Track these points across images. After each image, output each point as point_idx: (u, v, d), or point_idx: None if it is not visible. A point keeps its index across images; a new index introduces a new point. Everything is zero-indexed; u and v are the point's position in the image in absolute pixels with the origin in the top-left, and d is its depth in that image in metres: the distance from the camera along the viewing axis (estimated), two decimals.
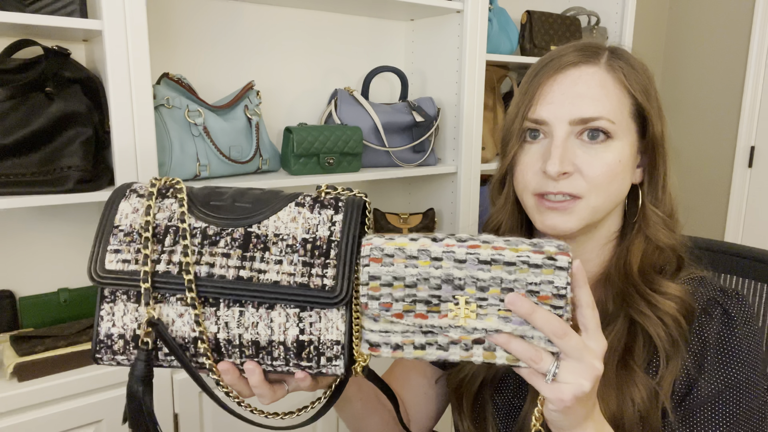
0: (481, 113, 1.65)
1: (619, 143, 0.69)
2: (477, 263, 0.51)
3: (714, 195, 2.65)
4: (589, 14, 2.02)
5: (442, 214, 1.72)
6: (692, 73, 2.69)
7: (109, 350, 0.58)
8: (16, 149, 1.02)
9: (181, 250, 0.57)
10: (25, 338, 1.09)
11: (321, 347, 0.57)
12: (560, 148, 0.68)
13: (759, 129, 2.51)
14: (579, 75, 0.70)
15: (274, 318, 0.57)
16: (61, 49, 1.08)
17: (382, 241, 0.53)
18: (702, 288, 0.72)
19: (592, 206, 0.69)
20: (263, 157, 1.35)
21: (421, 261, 0.52)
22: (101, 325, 0.58)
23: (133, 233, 0.59)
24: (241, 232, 0.58)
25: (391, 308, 0.53)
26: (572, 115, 0.68)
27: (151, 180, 0.62)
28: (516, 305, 0.51)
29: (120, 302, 0.58)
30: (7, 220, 1.21)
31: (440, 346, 0.54)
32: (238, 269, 0.57)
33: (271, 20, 1.50)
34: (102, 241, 0.59)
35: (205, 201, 0.61)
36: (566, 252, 0.51)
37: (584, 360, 0.52)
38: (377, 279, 0.53)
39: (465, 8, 1.56)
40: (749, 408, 0.67)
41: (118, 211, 0.60)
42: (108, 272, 0.58)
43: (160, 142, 1.18)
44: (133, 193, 0.61)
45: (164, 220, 0.59)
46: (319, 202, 0.59)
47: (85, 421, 1.09)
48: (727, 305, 0.70)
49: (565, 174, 0.68)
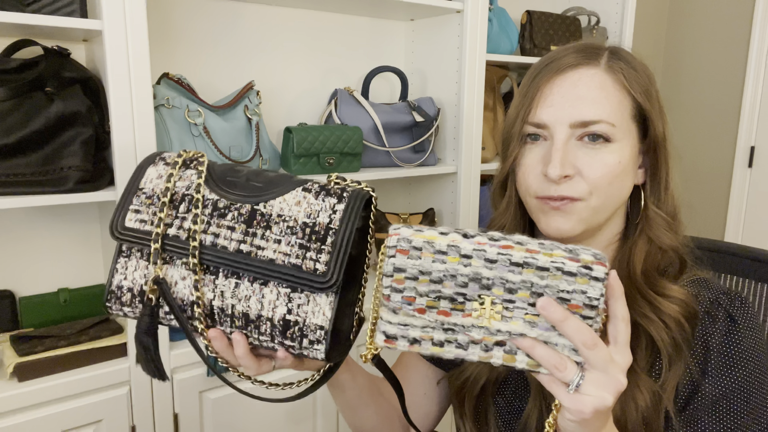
0: (481, 113, 1.65)
1: (620, 145, 0.69)
2: (508, 264, 0.49)
3: (714, 195, 2.65)
4: (589, 14, 2.02)
5: (442, 214, 1.72)
6: (692, 73, 2.69)
7: (118, 301, 0.63)
8: (16, 149, 1.02)
9: (192, 218, 0.61)
10: (25, 338, 1.10)
11: (305, 329, 0.59)
12: (561, 151, 0.68)
13: (759, 129, 2.51)
14: (579, 77, 0.69)
15: (266, 294, 0.60)
16: (61, 49, 1.08)
17: (410, 233, 0.51)
18: (705, 290, 0.71)
19: (593, 207, 0.69)
20: (263, 157, 1.35)
21: (449, 257, 0.50)
22: (115, 277, 0.64)
23: (154, 197, 0.63)
24: (248, 208, 0.61)
25: (413, 303, 0.51)
26: (572, 118, 0.68)
27: (180, 151, 0.66)
28: (548, 311, 0.49)
29: (134, 258, 0.63)
30: (7, 220, 1.21)
31: (459, 344, 0.52)
32: (240, 243, 0.60)
33: (271, 20, 1.50)
34: (126, 201, 0.64)
35: (223, 176, 0.64)
36: (603, 262, 0.49)
37: (609, 373, 0.51)
38: (402, 271, 0.51)
39: (465, 8, 1.56)
40: (755, 411, 0.67)
41: (145, 175, 0.65)
42: (127, 229, 0.62)
43: (160, 142, 1.18)
44: (161, 160, 0.66)
45: (182, 189, 0.63)
46: (326, 190, 0.61)
47: (85, 421, 1.09)
48: (731, 308, 0.69)
49: (566, 177, 0.68)
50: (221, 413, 1.26)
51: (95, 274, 1.31)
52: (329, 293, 0.59)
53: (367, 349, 0.57)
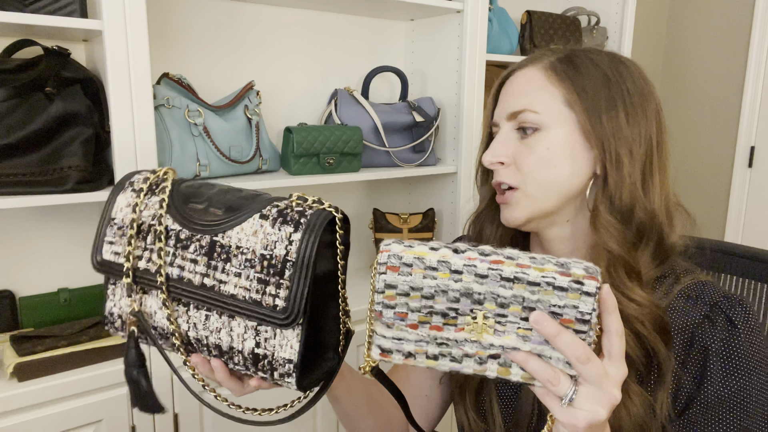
0: (481, 113, 1.65)
1: (550, 132, 0.71)
2: (499, 280, 0.49)
3: (714, 195, 2.65)
4: (589, 14, 2.02)
5: (442, 214, 1.72)
6: (692, 73, 2.69)
7: (112, 325, 0.65)
8: (16, 149, 1.02)
9: (156, 251, 0.61)
10: (25, 338, 1.09)
11: (274, 363, 0.58)
12: (497, 141, 0.74)
13: (759, 129, 2.51)
14: (516, 76, 0.76)
15: (233, 327, 0.59)
16: (61, 49, 1.08)
17: (400, 249, 0.51)
18: (705, 294, 0.70)
19: (529, 195, 0.72)
20: (263, 157, 1.35)
21: (440, 273, 0.50)
22: (107, 303, 0.65)
23: (124, 227, 0.63)
24: (207, 239, 0.59)
25: (406, 318, 0.51)
26: (506, 111, 0.74)
27: (147, 174, 0.65)
28: (541, 325, 0.49)
29: (119, 286, 0.64)
30: (7, 220, 1.21)
31: (453, 358, 0.52)
32: (203, 276, 0.59)
33: (271, 20, 1.50)
34: (101, 232, 0.64)
35: (186, 200, 0.63)
36: (594, 276, 0.49)
37: (603, 387, 0.50)
38: (393, 288, 0.51)
39: (465, 8, 1.56)
40: (756, 416, 0.66)
41: (115, 203, 0.64)
42: (104, 262, 0.63)
43: (160, 142, 1.18)
44: (129, 186, 0.65)
45: (149, 218, 0.62)
46: (283, 216, 0.58)
47: (85, 421, 1.09)
48: (731, 312, 0.68)
49: (502, 164, 0.74)
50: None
51: (95, 274, 1.30)
52: (295, 326, 0.57)
53: (365, 362, 0.57)
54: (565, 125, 0.71)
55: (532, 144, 0.72)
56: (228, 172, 1.30)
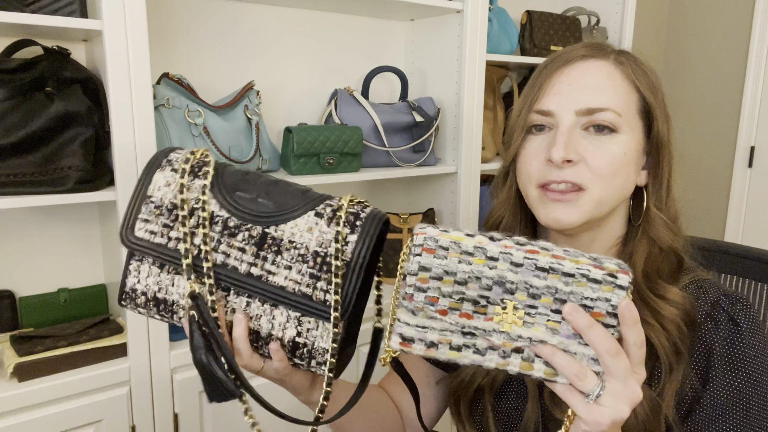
0: (481, 113, 1.65)
1: (626, 137, 0.69)
2: (534, 269, 0.49)
3: (714, 195, 2.65)
4: (589, 14, 2.02)
5: (442, 214, 1.72)
6: (692, 73, 2.69)
7: (133, 302, 0.63)
8: (16, 149, 1.02)
9: (201, 238, 0.60)
10: (25, 338, 1.09)
11: (313, 351, 0.60)
12: (565, 135, 0.68)
13: (759, 129, 2.51)
14: (587, 67, 0.70)
15: (276, 316, 0.60)
16: (61, 49, 1.08)
17: (437, 232, 0.50)
18: (706, 293, 0.70)
19: (596, 198, 0.68)
20: (263, 157, 1.35)
21: (476, 258, 0.50)
22: (128, 278, 0.63)
23: (163, 207, 0.61)
24: (258, 230, 0.60)
25: (436, 303, 0.50)
26: (578, 105, 0.68)
27: (186, 154, 0.63)
28: (574, 316, 0.49)
29: (146, 263, 0.62)
30: (7, 220, 1.21)
31: (477, 350, 0.51)
32: (251, 265, 0.59)
33: (271, 20, 1.50)
34: (135, 208, 0.62)
35: (233, 188, 0.62)
36: (627, 271, 0.50)
37: (628, 384, 0.50)
38: (427, 270, 0.50)
39: (465, 8, 1.56)
40: (761, 415, 0.66)
41: (152, 181, 0.62)
42: (136, 239, 0.61)
43: (160, 142, 1.18)
44: (168, 164, 0.63)
45: (192, 202, 0.61)
46: (338, 217, 0.60)
47: (85, 421, 1.09)
48: (733, 311, 0.68)
49: (569, 162, 0.67)
50: (221, 413, 1.26)
51: (95, 274, 1.31)
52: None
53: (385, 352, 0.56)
54: (635, 132, 0.70)
55: (607, 145, 0.68)
56: None
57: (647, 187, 0.74)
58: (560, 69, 0.70)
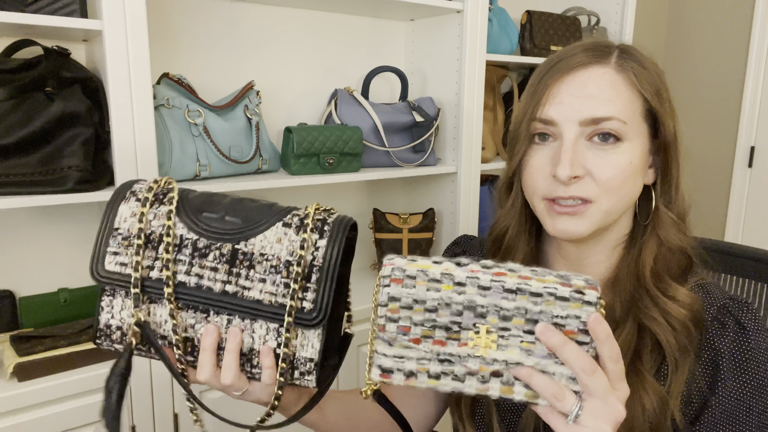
0: (481, 113, 1.65)
1: (630, 145, 0.68)
2: (502, 291, 0.50)
3: (714, 195, 2.65)
4: (589, 14, 2.02)
5: (442, 214, 1.72)
6: (692, 73, 2.69)
7: (108, 338, 0.63)
8: (16, 149, 1.02)
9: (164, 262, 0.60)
10: (25, 338, 1.10)
11: (296, 362, 0.61)
12: (570, 151, 0.66)
13: (759, 129, 2.51)
14: (588, 76, 0.68)
15: (255, 329, 0.61)
16: (61, 49, 1.08)
17: (404, 262, 0.51)
18: (711, 296, 0.70)
19: (603, 210, 0.68)
20: (263, 157, 1.35)
21: (444, 285, 0.50)
22: (101, 315, 0.63)
23: (131, 237, 0.62)
24: (229, 248, 0.61)
25: (409, 332, 0.51)
26: (582, 115, 0.67)
27: (149, 184, 0.64)
28: (547, 336, 0.49)
29: (119, 297, 0.63)
30: (7, 220, 1.21)
31: (456, 376, 0.51)
32: (225, 283, 0.60)
33: (271, 20, 1.50)
34: (103, 242, 0.63)
35: (199, 210, 0.63)
36: (594, 287, 0.50)
37: (608, 402, 0.49)
38: (397, 300, 0.51)
39: (465, 8, 1.56)
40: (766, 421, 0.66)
41: (118, 213, 0.63)
42: (108, 272, 0.62)
43: (160, 142, 1.18)
44: (132, 195, 0.64)
45: (158, 228, 0.62)
46: (306, 225, 0.61)
47: (85, 421, 1.09)
48: (739, 314, 0.68)
49: (576, 178, 0.67)
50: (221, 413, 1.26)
51: None
52: (317, 327, 0.60)
53: (366, 385, 0.56)
54: (641, 137, 0.69)
55: (612, 156, 0.67)
56: (228, 172, 1.30)
57: (655, 186, 0.73)
58: (561, 78, 0.69)
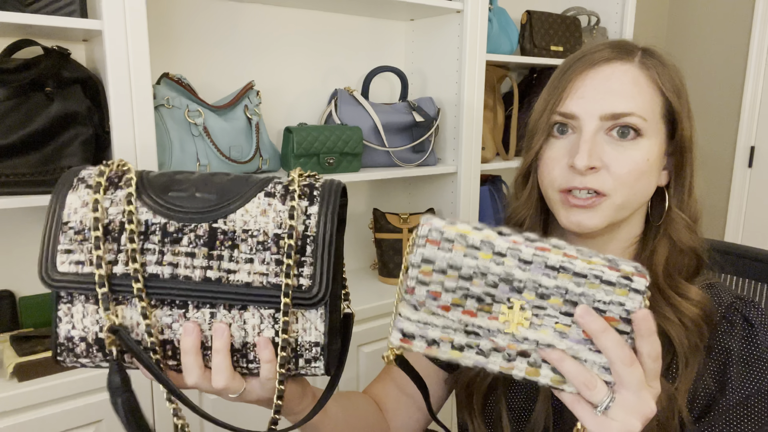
0: (481, 113, 1.64)
1: (649, 142, 0.68)
2: (543, 267, 0.46)
3: (714, 195, 2.65)
4: (589, 14, 2.02)
5: (442, 214, 1.72)
6: (692, 73, 2.69)
7: (71, 353, 0.54)
8: (16, 149, 1.02)
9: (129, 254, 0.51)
10: (25, 338, 1.10)
11: (299, 349, 0.54)
12: (589, 142, 0.67)
13: (759, 129, 2.51)
14: (612, 71, 0.69)
15: (247, 319, 0.53)
16: (61, 49, 1.08)
17: (442, 224, 0.47)
18: (719, 295, 0.71)
19: (617, 204, 0.68)
20: (263, 157, 1.35)
21: (482, 253, 0.46)
22: (60, 327, 0.53)
23: (85, 230, 0.53)
24: (205, 228, 0.52)
25: (439, 298, 0.47)
26: (604, 110, 0.67)
27: (100, 167, 0.56)
28: (586, 319, 0.46)
29: (78, 303, 0.53)
30: (7, 220, 1.21)
31: (480, 350, 0.48)
32: (205, 270, 0.52)
33: (271, 20, 1.50)
34: (51, 240, 0.53)
35: (164, 189, 0.54)
36: (644, 275, 0.46)
37: (641, 397, 0.47)
38: (431, 263, 0.47)
39: (465, 8, 1.56)
40: None
41: (66, 204, 0.54)
42: (61, 275, 0.52)
43: (160, 142, 1.18)
44: (80, 183, 0.55)
45: (118, 215, 0.53)
46: (291, 192, 0.54)
47: (85, 421, 1.09)
48: (747, 313, 0.69)
49: (592, 169, 0.67)
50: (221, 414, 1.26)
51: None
52: (319, 306, 0.53)
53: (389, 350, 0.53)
54: (659, 136, 0.70)
55: (630, 152, 0.67)
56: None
57: (668, 188, 0.73)
58: (584, 72, 0.69)
